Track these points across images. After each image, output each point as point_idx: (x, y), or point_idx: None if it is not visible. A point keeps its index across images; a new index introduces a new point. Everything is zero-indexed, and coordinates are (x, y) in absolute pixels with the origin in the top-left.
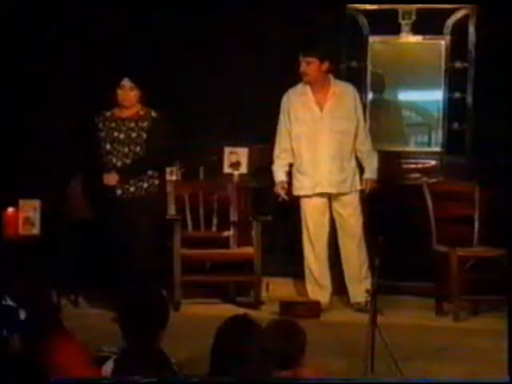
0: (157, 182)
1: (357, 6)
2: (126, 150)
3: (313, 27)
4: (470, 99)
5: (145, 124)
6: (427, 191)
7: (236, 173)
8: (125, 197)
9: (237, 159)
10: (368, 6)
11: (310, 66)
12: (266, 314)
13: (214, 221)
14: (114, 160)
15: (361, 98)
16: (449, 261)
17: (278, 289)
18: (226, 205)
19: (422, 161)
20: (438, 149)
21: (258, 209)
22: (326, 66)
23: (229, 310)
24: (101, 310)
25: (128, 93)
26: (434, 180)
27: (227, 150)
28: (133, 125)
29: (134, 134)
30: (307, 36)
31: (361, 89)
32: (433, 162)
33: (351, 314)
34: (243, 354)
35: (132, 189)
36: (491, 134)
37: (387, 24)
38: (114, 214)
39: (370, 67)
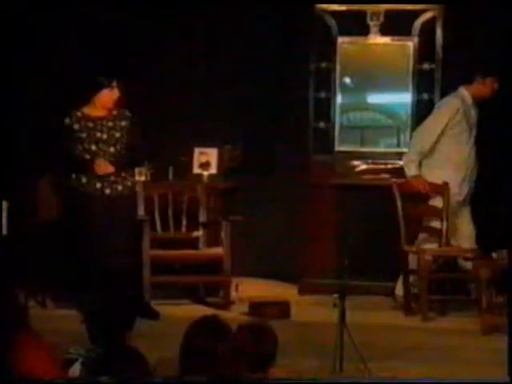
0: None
1: (325, 6)
2: (112, 149)
3: (281, 27)
4: (437, 100)
5: (123, 123)
6: (396, 191)
7: (205, 173)
8: (113, 195)
9: (206, 159)
10: (336, 7)
11: None
12: (235, 315)
13: (184, 221)
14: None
15: (330, 99)
16: (417, 261)
17: (248, 289)
18: (196, 205)
19: (391, 161)
20: (406, 149)
21: (228, 209)
22: None
23: (198, 310)
24: (69, 312)
25: (116, 94)
26: (402, 180)
27: (197, 150)
28: (111, 124)
29: (117, 134)
30: (276, 36)
31: (330, 89)
32: (402, 163)
33: (321, 313)
34: (212, 354)
35: (120, 187)
36: None
37: (356, 25)
38: (102, 213)
39: (338, 68)
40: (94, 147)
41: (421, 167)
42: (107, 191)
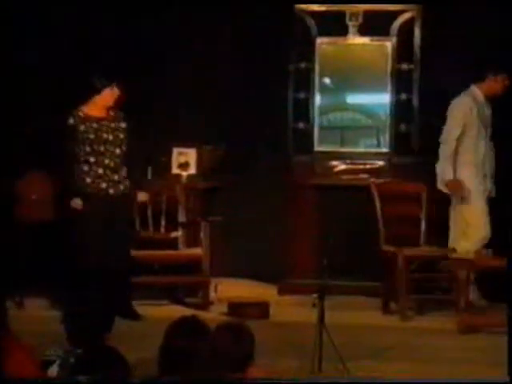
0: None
1: (304, 7)
2: (118, 151)
3: (261, 28)
4: (415, 101)
5: (123, 125)
6: (375, 191)
7: (184, 173)
8: (116, 195)
9: (185, 160)
10: (315, 7)
11: None
12: (214, 315)
13: (163, 222)
14: (107, 161)
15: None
16: (396, 260)
17: (227, 290)
18: (175, 206)
19: (370, 161)
20: (385, 149)
21: (208, 209)
22: None
23: (178, 311)
24: (46, 313)
25: (116, 93)
26: (381, 180)
27: (176, 150)
28: (113, 125)
29: (121, 135)
30: (256, 37)
31: (309, 90)
32: (380, 163)
33: (300, 314)
34: (191, 354)
35: (122, 187)
36: (437, 134)
37: (335, 25)
38: (106, 213)
39: (317, 68)
40: (102, 148)
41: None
42: (111, 191)
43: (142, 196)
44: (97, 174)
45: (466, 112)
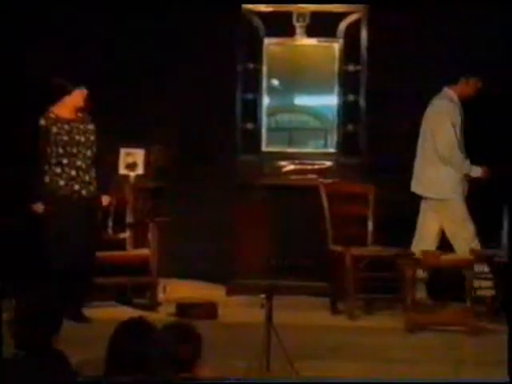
0: None
1: (251, 7)
2: (89, 152)
3: (208, 28)
4: (362, 101)
5: (91, 126)
6: (323, 191)
7: (132, 174)
8: (88, 196)
9: (133, 160)
10: (263, 8)
11: None
12: (162, 316)
13: (110, 222)
14: (79, 163)
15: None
16: (344, 260)
17: (175, 291)
18: (123, 206)
19: (318, 162)
20: (333, 150)
21: (156, 210)
22: None
23: (125, 312)
24: None
25: (85, 93)
26: (329, 180)
27: (123, 151)
28: (83, 127)
29: (92, 137)
30: (203, 36)
31: (257, 91)
32: (328, 163)
33: (249, 314)
34: (139, 356)
35: (92, 188)
36: (384, 134)
37: (282, 26)
38: (80, 214)
39: (265, 69)
40: (75, 150)
41: (437, 167)
42: (83, 192)
43: (105, 200)
44: (70, 176)
45: (450, 114)
